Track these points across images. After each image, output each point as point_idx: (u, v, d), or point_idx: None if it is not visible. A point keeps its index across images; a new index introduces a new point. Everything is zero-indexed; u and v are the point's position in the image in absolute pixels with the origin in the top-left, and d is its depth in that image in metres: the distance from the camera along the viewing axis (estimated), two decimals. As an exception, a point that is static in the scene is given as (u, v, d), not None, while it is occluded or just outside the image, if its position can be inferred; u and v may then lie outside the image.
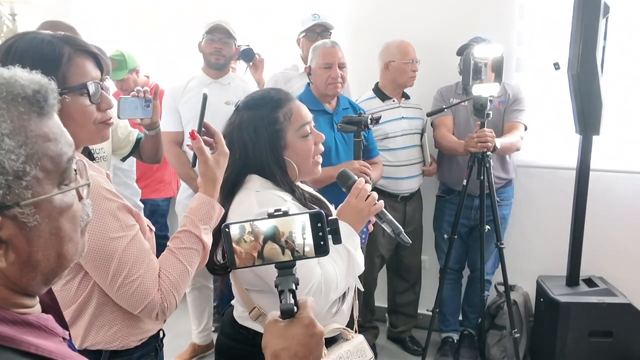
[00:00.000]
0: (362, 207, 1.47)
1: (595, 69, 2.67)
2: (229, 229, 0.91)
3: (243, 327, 1.55)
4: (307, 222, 0.91)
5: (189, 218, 1.33)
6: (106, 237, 1.21)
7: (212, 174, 1.34)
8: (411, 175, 3.14)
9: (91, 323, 1.29)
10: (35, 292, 0.71)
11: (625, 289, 2.94)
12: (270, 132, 1.49)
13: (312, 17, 3.16)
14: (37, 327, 0.68)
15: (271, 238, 0.90)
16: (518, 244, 3.29)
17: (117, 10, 4.01)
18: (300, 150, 1.52)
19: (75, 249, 0.72)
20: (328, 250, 0.93)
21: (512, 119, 3.04)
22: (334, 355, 1.46)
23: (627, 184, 3.13)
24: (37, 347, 0.65)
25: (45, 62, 1.16)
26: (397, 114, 3.11)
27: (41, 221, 0.65)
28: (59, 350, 0.67)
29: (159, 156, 2.36)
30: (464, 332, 3.32)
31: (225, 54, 2.91)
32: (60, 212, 0.68)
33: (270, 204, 1.40)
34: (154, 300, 1.25)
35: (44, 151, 0.65)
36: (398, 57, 3.05)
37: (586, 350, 2.81)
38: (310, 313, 0.88)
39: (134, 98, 2.00)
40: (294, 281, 0.90)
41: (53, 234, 0.67)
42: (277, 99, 1.53)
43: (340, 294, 1.48)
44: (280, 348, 0.85)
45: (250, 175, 1.51)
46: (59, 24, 2.21)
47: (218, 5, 3.82)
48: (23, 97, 0.65)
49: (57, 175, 0.67)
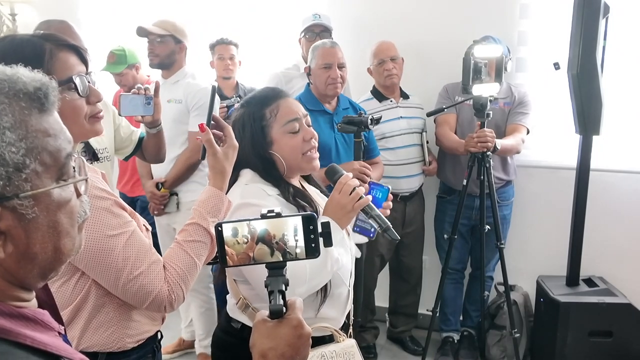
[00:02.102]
0: (345, 202, 1.46)
1: (595, 69, 2.67)
2: (221, 228, 0.92)
3: (233, 320, 1.57)
4: (300, 224, 0.92)
5: (198, 211, 1.34)
6: (104, 235, 1.21)
7: (221, 167, 1.36)
8: (411, 174, 3.14)
9: (87, 325, 1.29)
10: (32, 285, 0.72)
11: (625, 289, 2.94)
12: (255, 128, 1.54)
13: (313, 17, 3.17)
14: (33, 320, 0.69)
15: (262, 239, 0.92)
16: (518, 244, 3.29)
17: (117, 10, 4.01)
18: (285, 146, 1.55)
19: (72, 244, 0.73)
20: (319, 252, 0.94)
21: (515, 121, 3.04)
22: (317, 352, 1.46)
23: (627, 184, 3.13)
24: (33, 339, 0.66)
25: (28, 61, 1.16)
26: (395, 114, 3.11)
27: (39, 214, 0.67)
28: (54, 344, 0.69)
29: (161, 155, 2.35)
30: (464, 333, 3.33)
31: (159, 53, 2.84)
32: (58, 206, 0.69)
33: (251, 196, 1.46)
34: (161, 293, 1.25)
35: (43, 146, 0.67)
36: (372, 60, 3.11)
37: (586, 350, 2.81)
38: (299, 314, 0.89)
39: (134, 95, 2.00)
40: (284, 282, 0.91)
41: (51, 227, 0.69)
42: (265, 96, 1.59)
43: (313, 289, 1.45)
44: (268, 347, 0.86)
45: (243, 169, 1.55)
46: (53, 23, 2.21)
47: (218, 6, 3.81)
48: (25, 93, 0.68)
49: (55, 169, 0.69)
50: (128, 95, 1.98)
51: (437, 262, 3.38)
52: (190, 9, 3.85)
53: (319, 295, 1.50)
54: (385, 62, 3.05)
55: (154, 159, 2.37)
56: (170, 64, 2.88)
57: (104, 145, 2.18)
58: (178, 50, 2.88)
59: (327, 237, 0.99)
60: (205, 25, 3.76)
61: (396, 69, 3.07)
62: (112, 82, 3.45)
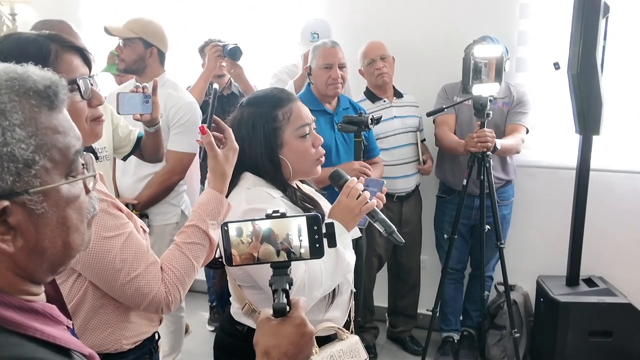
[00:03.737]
0: (353, 206, 1.49)
1: (595, 69, 2.67)
2: (227, 228, 0.93)
3: (238, 323, 1.57)
4: (304, 224, 0.93)
5: (197, 212, 1.33)
6: (101, 237, 1.21)
7: (221, 169, 1.35)
8: (406, 174, 3.14)
9: (84, 326, 1.28)
10: (41, 279, 0.74)
11: (625, 289, 2.94)
12: (268, 129, 1.51)
13: (311, 37, 3.14)
14: (42, 314, 0.71)
15: (266, 239, 0.93)
16: (518, 244, 3.29)
17: (117, 10, 4.01)
18: (296, 150, 1.54)
19: (82, 239, 0.75)
20: (323, 253, 0.95)
21: (514, 121, 3.04)
22: (325, 353, 1.47)
23: (627, 184, 3.13)
24: (42, 332, 0.68)
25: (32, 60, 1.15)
26: (389, 114, 3.10)
27: (49, 209, 0.69)
28: (63, 337, 0.71)
29: (160, 154, 2.34)
30: (464, 333, 3.33)
31: (125, 57, 2.57)
32: (67, 202, 0.71)
33: (258, 200, 1.44)
34: (158, 295, 1.24)
35: (52, 142, 0.69)
36: (362, 61, 3.11)
37: (586, 350, 2.81)
38: (302, 313, 0.90)
39: (132, 94, 1.98)
40: (287, 281, 0.92)
41: (60, 222, 0.70)
42: (278, 98, 1.55)
43: (326, 292, 1.48)
44: (271, 345, 0.87)
45: (244, 173, 1.53)
46: (52, 22, 2.21)
47: (219, 6, 3.82)
48: (35, 91, 0.69)
49: (64, 166, 0.71)
50: (126, 93, 1.97)
51: (437, 262, 3.39)
52: (190, 9, 3.86)
53: (327, 298, 1.51)
54: (375, 62, 3.05)
55: (153, 158, 2.36)
56: (140, 69, 2.58)
57: (103, 144, 2.17)
58: (148, 55, 2.57)
59: (332, 237, 1.00)
60: (205, 25, 3.77)
61: (387, 67, 3.06)
62: (112, 82, 3.45)
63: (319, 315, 1.51)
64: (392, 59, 3.11)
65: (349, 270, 1.51)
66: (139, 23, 2.57)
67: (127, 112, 2.00)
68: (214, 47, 2.97)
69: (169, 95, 2.56)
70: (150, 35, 2.57)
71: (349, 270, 1.51)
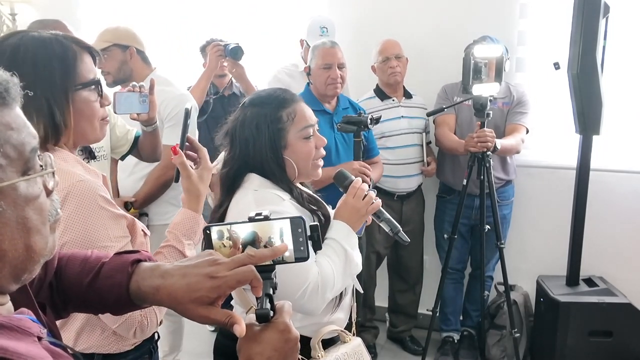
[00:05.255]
0: (360, 206, 1.49)
1: (595, 69, 2.67)
2: (209, 231, 0.91)
3: None
4: (287, 227, 0.91)
5: (173, 233, 1.31)
6: (92, 247, 1.18)
7: (195, 190, 1.33)
8: (409, 174, 3.14)
9: (83, 326, 1.28)
10: (3, 286, 0.69)
11: (625, 289, 2.94)
12: (272, 130, 1.49)
13: (320, 31, 3.14)
14: (7, 327, 0.65)
15: (250, 243, 0.90)
16: (518, 244, 3.29)
17: (117, 10, 4.01)
18: (300, 151, 1.52)
19: (45, 243, 0.71)
20: (308, 256, 0.92)
21: (514, 121, 3.04)
22: (331, 357, 1.47)
23: (627, 184, 3.13)
24: (6, 350, 0.62)
25: (61, 60, 1.20)
26: (397, 113, 3.11)
27: (6, 208, 0.65)
28: (30, 353, 0.64)
29: (157, 154, 2.33)
30: (464, 333, 3.33)
31: (109, 69, 2.54)
32: (26, 201, 0.68)
33: (267, 202, 1.41)
34: (133, 317, 1.20)
35: (6, 139, 0.67)
36: (376, 58, 3.11)
37: (586, 350, 2.81)
38: (287, 318, 0.87)
39: (129, 93, 1.97)
40: (271, 285, 0.88)
41: (19, 223, 0.67)
42: (282, 98, 1.53)
43: (337, 293, 1.48)
44: (254, 352, 0.84)
45: (249, 174, 1.51)
46: (48, 22, 2.20)
47: (220, 6, 3.82)
48: None
49: (20, 163, 0.68)
50: (123, 92, 1.95)
51: (437, 262, 3.38)
52: (191, 9, 3.86)
53: (334, 300, 1.51)
54: (389, 60, 3.06)
55: (151, 158, 2.34)
56: (127, 75, 2.57)
57: (100, 144, 2.15)
58: (128, 57, 2.56)
59: (316, 240, 0.97)
60: (206, 25, 3.76)
61: (400, 67, 3.07)
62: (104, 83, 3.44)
63: (325, 317, 1.50)
64: (405, 59, 3.12)
65: (357, 271, 1.51)
66: (108, 31, 2.59)
67: (124, 112, 1.99)
68: (216, 47, 2.98)
69: (162, 90, 2.51)
70: (122, 38, 2.56)
71: (357, 270, 1.51)
